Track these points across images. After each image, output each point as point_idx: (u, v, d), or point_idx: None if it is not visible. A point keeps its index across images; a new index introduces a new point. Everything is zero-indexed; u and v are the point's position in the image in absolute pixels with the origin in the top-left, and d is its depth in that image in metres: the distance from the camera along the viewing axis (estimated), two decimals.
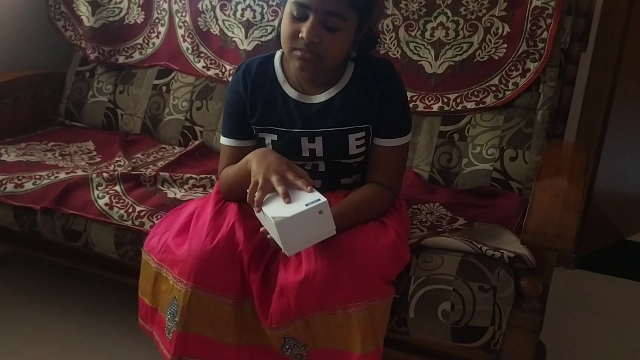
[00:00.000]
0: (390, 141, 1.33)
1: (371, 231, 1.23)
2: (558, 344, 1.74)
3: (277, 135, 1.33)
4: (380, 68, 1.32)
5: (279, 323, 1.18)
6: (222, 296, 1.21)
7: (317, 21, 1.18)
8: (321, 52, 1.21)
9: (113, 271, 1.68)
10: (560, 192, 1.31)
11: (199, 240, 1.23)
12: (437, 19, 1.73)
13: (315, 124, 1.31)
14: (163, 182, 1.67)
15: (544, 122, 1.64)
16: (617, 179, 2.32)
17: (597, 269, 2.21)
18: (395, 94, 1.32)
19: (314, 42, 1.19)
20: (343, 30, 1.20)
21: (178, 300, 1.23)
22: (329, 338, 1.18)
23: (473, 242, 1.30)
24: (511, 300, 1.22)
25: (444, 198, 1.61)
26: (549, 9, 1.61)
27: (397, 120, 1.33)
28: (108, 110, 2.15)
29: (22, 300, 1.89)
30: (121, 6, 2.15)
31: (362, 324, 1.14)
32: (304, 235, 1.11)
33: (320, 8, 1.17)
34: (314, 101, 1.32)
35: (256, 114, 1.33)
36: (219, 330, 1.23)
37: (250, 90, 1.33)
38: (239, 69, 1.36)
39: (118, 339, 1.73)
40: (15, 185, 1.62)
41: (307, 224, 1.10)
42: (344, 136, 1.30)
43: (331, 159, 1.34)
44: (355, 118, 1.30)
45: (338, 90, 1.31)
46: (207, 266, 1.21)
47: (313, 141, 1.31)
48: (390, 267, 1.21)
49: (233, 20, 1.98)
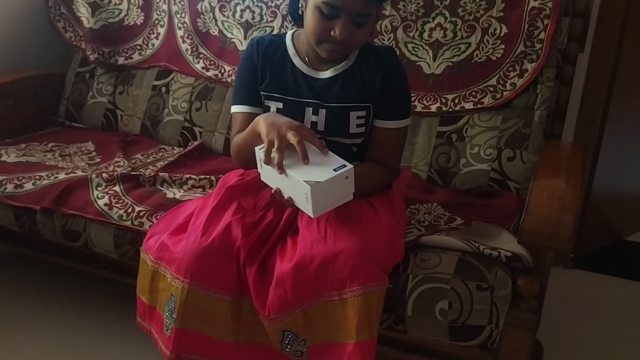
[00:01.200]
0: (390, 123, 1.37)
1: (367, 219, 1.26)
2: (556, 343, 1.74)
3: (282, 104, 1.37)
4: (384, 53, 1.37)
5: (277, 314, 1.18)
6: (219, 293, 1.22)
7: (348, 21, 1.24)
8: (350, 44, 1.28)
9: (112, 271, 1.69)
10: (557, 192, 1.31)
11: (195, 237, 1.25)
12: (435, 19, 1.74)
13: (320, 96, 1.35)
14: (162, 182, 1.68)
15: (541, 123, 1.65)
16: (615, 179, 2.32)
17: (595, 269, 2.21)
18: (396, 77, 1.36)
19: (347, 39, 1.25)
20: (370, 22, 1.27)
21: (175, 297, 1.23)
22: (328, 329, 1.19)
23: (471, 241, 1.31)
24: (508, 299, 1.23)
25: (442, 198, 1.62)
26: (546, 10, 1.62)
27: (397, 103, 1.37)
28: (108, 111, 2.16)
29: (22, 300, 1.90)
30: (121, 7, 2.15)
31: (357, 309, 1.15)
32: (330, 199, 1.16)
33: (352, 10, 1.23)
34: (320, 76, 1.36)
35: (266, 79, 1.38)
36: (216, 327, 1.24)
37: (262, 57, 1.37)
38: (252, 40, 1.41)
39: (118, 339, 1.73)
40: (15, 186, 1.63)
41: (335, 188, 1.15)
42: (346, 113, 1.34)
43: (331, 135, 1.36)
44: (356, 96, 1.34)
45: (344, 68, 1.36)
46: (202, 263, 1.22)
47: (317, 113, 1.35)
48: (385, 254, 1.22)
49: (232, 21, 1.99)
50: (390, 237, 1.25)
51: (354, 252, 1.16)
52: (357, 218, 1.26)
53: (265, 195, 1.35)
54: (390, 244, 1.24)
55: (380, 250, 1.21)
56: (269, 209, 1.32)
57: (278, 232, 1.29)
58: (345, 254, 1.16)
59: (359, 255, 1.16)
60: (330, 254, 1.16)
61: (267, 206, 1.33)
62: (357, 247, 1.17)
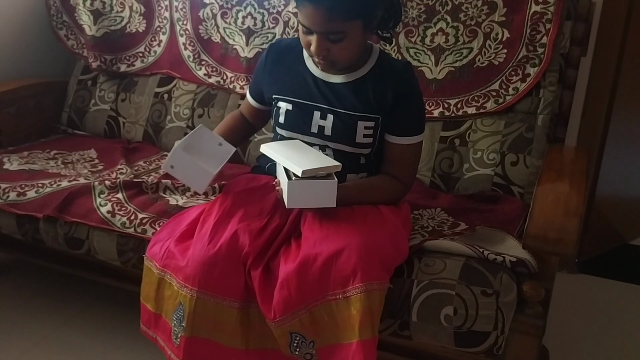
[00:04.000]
0: (403, 139, 1.37)
1: (370, 219, 1.28)
2: (561, 349, 1.73)
3: (292, 105, 1.39)
4: (400, 68, 1.37)
5: (283, 315, 1.18)
6: (227, 300, 1.22)
7: (320, 38, 1.25)
8: (333, 59, 1.29)
9: (115, 279, 1.68)
10: (562, 197, 1.31)
11: (202, 245, 1.25)
12: (437, 25, 1.74)
13: (330, 102, 1.36)
14: (165, 189, 1.68)
15: (544, 127, 1.64)
16: (619, 183, 2.32)
17: (599, 274, 2.20)
18: (410, 94, 1.36)
19: (323, 55, 1.27)
20: (348, 37, 1.25)
21: (184, 305, 1.23)
22: (335, 329, 1.18)
23: (475, 247, 1.30)
24: (514, 304, 1.22)
25: (445, 203, 1.61)
26: (548, 14, 1.62)
27: (409, 120, 1.37)
28: (110, 118, 2.16)
29: (25, 308, 1.89)
30: (123, 15, 2.16)
31: (360, 307, 1.15)
32: (306, 199, 1.24)
33: (318, 29, 1.24)
34: (332, 80, 1.37)
35: (275, 82, 1.42)
36: (226, 335, 1.24)
37: (271, 62, 1.44)
38: (271, 43, 1.51)
39: (121, 347, 1.73)
40: (18, 194, 1.63)
41: (313, 192, 1.23)
42: (354, 121, 1.34)
43: (338, 142, 1.37)
44: (366, 107, 1.34)
45: (357, 77, 1.36)
46: (210, 271, 1.22)
47: (325, 118, 1.36)
48: (388, 253, 1.22)
49: (234, 28, 1.99)
50: (392, 235, 1.25)
51: (356, 247, 1.17)
52: (361, 218, 1.27)
53: (271, 200, 1.35)
54: (393, 243, 1.24)
55: (383, 248, 1.21)
56: (274, 214, 1.33)
57: (283, 236, 1.30)
58: (348, 250, 1.17)
59: (361, 251, 1.17)
60: (333, 251, 1.17)
61: (273, 210, 1.33)
62: (360, 243, 1.18)
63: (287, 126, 1.40)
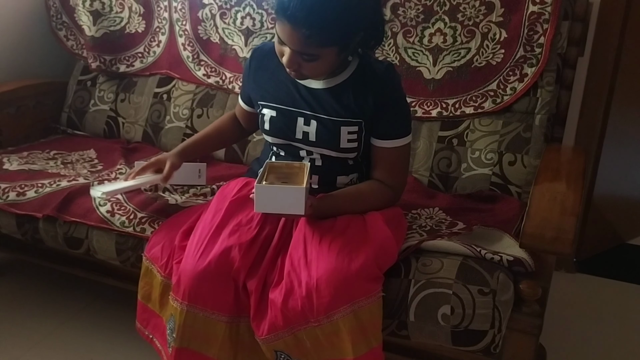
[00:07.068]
0: (388, 142, 1.35)
1: (352, 231, 1.26)
2: (559, 348, 1.73)
3: (276, 112, 1.37)
4: (381, 71, 1.33)
5: (268, 334, 1.19)
6: (216, 314, 1.23)
7: (294, 54, 1.23)
8: (304, 73, 1.27)
9: (114, 278, 1.69)
10: (559, 196, 1.32)
11: (192, 259, 1.25)
12: (435, 25, 1.74)
13: (312, 107, 1.34)
14: (164, 189, 1.68)
15: (542, 127, 1.65)
16: (617, 183, 2.32)
17: (597, 273, 2.21)
18: (391, 96, 1.33)
19: (294, 68, 1.25)
20: (320, 59, 1.23)
21: (175, 317, 1.25)
22: (321, 351, 1.19)
23: (472, 246, 1.30)
24: (511, 303, 1.23)
25: (443, 203, 1.62)
26: (545, 14, 1.62)
27: (393, 123, 1.35)
28: (109, 118, 2.17)
29: (24, 308, 1.90)
30: (122, 15, 2.16)
31: (349, 328, 1.15)
32: (275, 205, 1.22)
33: (292, 47, 1.21)
34: (313, 86, 1.35)
35: (258, 87, 1.41)
36: (214, 348, 1.25)
37: (255, 67, 1.43)
38: (254, 48, 1.50)
39: (120, 346, 1.73)
40: (18, 194, 1.63)
41: (281, 198, 1.22)
42: (337, 127, 1.33)
43: (323, 147, 1.36)
44: (348, 112, 1.33)
45: (337, 82, 1.34)
46: (199, 285, 1.22)
47: (308, 124, 1.34)
48: (371, 266, 1.20)
49: (233, 28, 2.00)
50: (379, 243, 1.23)
51: (334, 276, 1.16)
52: (342, 230, 1.26)
53: None
54: (381, 249, 1.23)
55: (365, 264, 1.18)
56: (265, 221, 1.32)
57: (275, 244, 1.29)
58: (325, 280, 1.15)
59: (339, 278, 1.15)
60: (314, 280, 1.16)
61: (264, 217, 1.32)
62: (337, 269, 1.16)
63: (272, 132, 1.39)
